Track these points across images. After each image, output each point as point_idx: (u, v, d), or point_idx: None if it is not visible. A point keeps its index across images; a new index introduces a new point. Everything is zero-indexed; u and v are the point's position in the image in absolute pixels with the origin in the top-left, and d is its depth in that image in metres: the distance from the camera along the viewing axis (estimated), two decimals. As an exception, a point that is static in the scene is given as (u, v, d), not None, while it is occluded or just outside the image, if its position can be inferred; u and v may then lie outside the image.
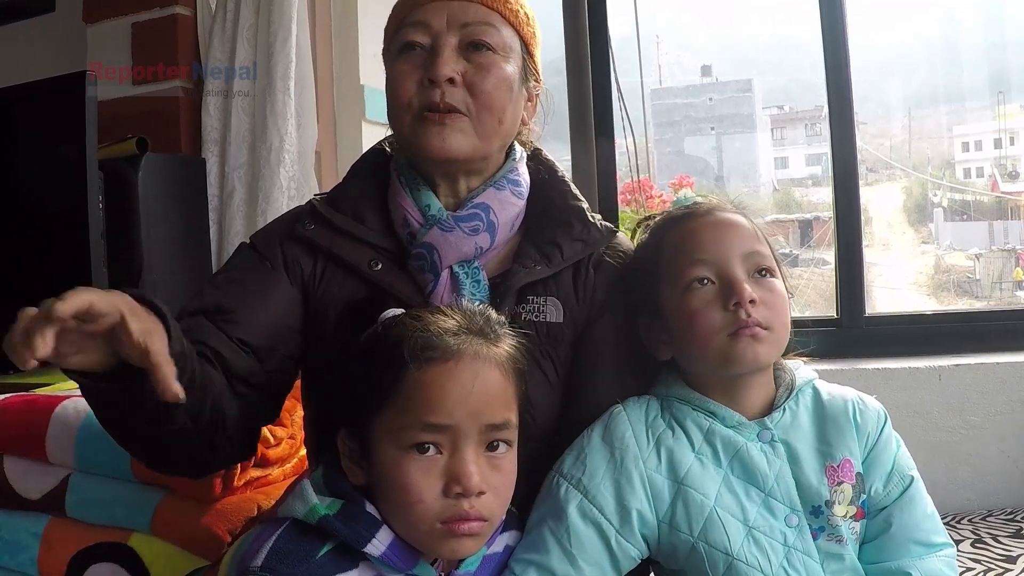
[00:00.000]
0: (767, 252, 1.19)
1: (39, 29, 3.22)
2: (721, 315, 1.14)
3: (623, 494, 1.12)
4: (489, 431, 1.00)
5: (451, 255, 1.21)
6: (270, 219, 2.52)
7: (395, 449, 0.98)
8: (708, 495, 1.12)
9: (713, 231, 1.19)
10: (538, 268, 1.22)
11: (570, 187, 1.33)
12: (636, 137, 2.86)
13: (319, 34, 2.88)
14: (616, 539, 1.11)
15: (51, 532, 1.55)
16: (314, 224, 1.25)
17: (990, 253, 4.97)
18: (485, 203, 1.23)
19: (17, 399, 1.65)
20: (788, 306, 1.19)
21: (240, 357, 1.17)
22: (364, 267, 1.22)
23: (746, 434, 1.16)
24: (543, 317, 1.22)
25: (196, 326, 1.15)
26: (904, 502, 1.18)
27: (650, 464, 1.14)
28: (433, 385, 0.98)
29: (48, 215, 2.21)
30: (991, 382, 2.39)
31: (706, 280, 1.16)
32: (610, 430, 1.17)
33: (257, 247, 1.27)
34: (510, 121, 1.24)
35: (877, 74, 4.75)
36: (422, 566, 1.01)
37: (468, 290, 1.21)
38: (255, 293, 1.22)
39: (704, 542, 1.11)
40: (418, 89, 1.19)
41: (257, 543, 0.97)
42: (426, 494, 0.97)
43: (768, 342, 1.14)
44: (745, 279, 1.15)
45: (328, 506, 0.98)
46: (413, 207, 1.24)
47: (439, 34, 1.20)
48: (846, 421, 1.19)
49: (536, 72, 1.30)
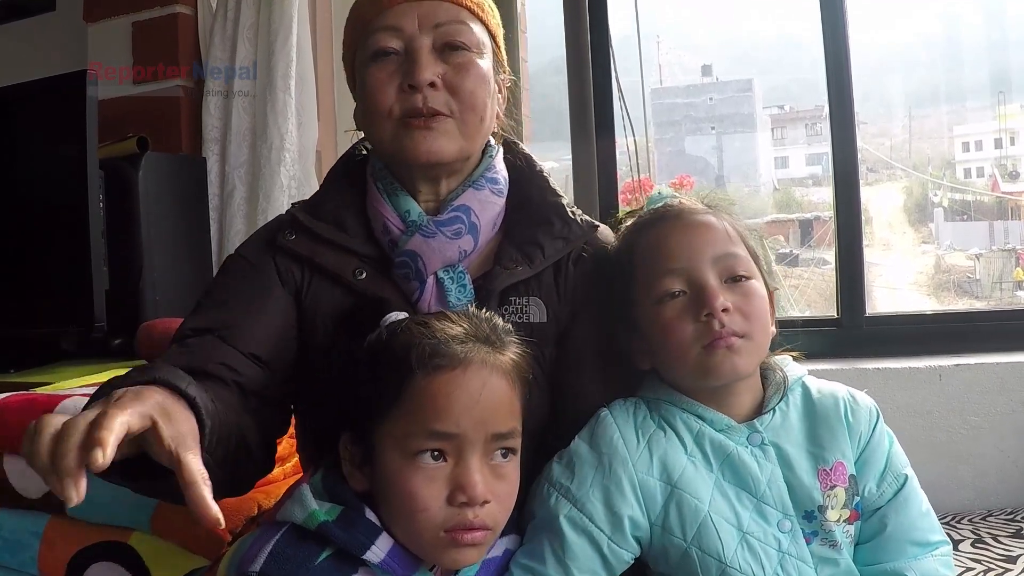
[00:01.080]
0: (742, 253, 1.16)
1: (40, 28, 3.22)
2: (694, 327, 1.12)
3: (613, 501, 1.11)
4: (495, 440, 1.00)
5: (435, 261, 1.20)
6: (270, 218, 2.54)
7: (400, 456, 0.98)
8: (702, 499, 1.11)
9: (682, 236, 1.16)
10: (520, 269, 1.22)
11: (548, 182, 1.32)
12: (636, 137, 2.85)
13: (320, 33, 2.88)
14: (608, 546, 1.10)
15: (51, 531, 1.56)
16: (295, 234, 1.24)
17: (990, 253, 4.96)
18: (465, 205, 1.23)
19: (17, 398, 1.65)
20: (768, 308, 1.17)
21: (254, 371, 1.16)
22: (348, 276, 1.21)
23: (736, 438, 1.15)
24: (526, 318, 1.22)
25: (207, 346, 1.14)
26: (899, 502, 1.17)
27: (640, 466, 1.13)
28: (440, 393, 0.97)
29: (49, 214, 2.21)
30: (991, 382, 2.39)
31: (678, 292, 1.13)
32: (597, 435, 1.15)
33: (248, 257, 1.26)
34: (489, 118, 1.24)
35: (877, 73, 4.75)
36: (422, 573, 1.01)
37: (454, 295, 1.20)
38: (256, 305, 1.21)
39: (697, 547, 1.10)
40: (398, 96, 1.18)
41: (255, 547, 0.97)
42: (430, 502, 0.97)
43: (745, 351, 1.12)
44: (718, 285, 1.12)
45: (327, 512, 0.98)
46: (392, 213, 1.22)
47: (412, 37, 1.18)
48: (838, 421, 1.17)
49: (504, 63, 1.30)
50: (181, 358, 1.10)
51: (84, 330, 2.16)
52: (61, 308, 2.18)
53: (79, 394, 1.67)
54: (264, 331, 1.19)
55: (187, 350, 1.14)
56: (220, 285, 1.26)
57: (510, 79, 1.33)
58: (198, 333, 1.16)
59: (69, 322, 2.19)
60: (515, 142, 1.36)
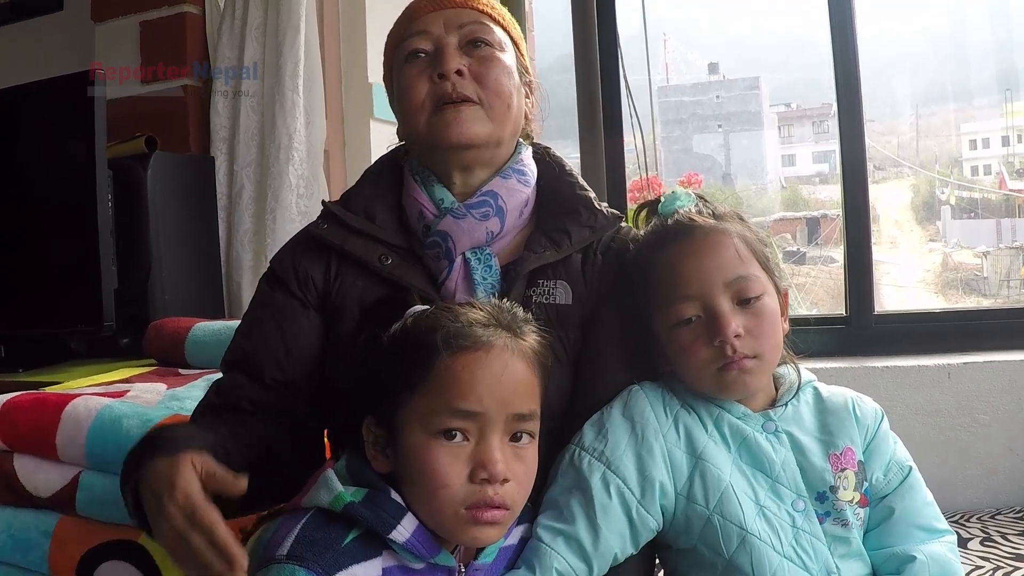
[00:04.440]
0: (753, 272, 1.20)
1: (47, 28, 3.23)
2: (709, 350, 1.17)
3: (645, 465, 1.16)
4: (515, 421, 1.03)
5: (464, 241, 1.27)
6: (279, 217, 2.57)
7: (423, 434, 1.00)
8: (723, 470, 1.16)
9: (694, 263, 1.20)
10: (547, 253, 1.28)
11: (578, 179, 1.39)
12: (644, 135, 2.85)
13: (327, 32, 2.89)
14: (637, 509, 1.15)
15: (62, 530, 1.56)
16: (327, 224, 1.32)
17: (998, 251, 4.95)
18: (493, 190, 1.29)
19: (28, 397, 1.65)
20: (778, 326, 1.21)
21: (279, 396, 1.26)
22: (375, 262, 1.27)
23: (752, 424, 1.20)
24: (553, 299, 1.28)
25: (234, 384, 1.27)
26: (904, 490, 1.22)
27: (670, 439, 1.18)
28: (464, 372, 1.00)
29: (57, 214, 2.22)
30: (1000, 380, 2.39)
31: (693, 318, 1.18)
32: (630, 406, 1.21)
33: (275, 272, 1.33)
34: (517, 108, 1.31)
35: (884, 71, 4.74)
36: (443, 555, 1.03)
37: (480, 275, 1.27)
38: (276, 331, 1.29)
39: (719, 515, 1.14)
40: (429, 87, 1.26)
41: (282, 532, 0.98)
42: (452, 479, 0.99)
43: (757, 371, 1.19)
44: (730, 309, 1.17)
45: (353, 494, 1.00)
46: (428, 201, 1.30)
47: (440, 38, 1.29)
48: (846, 414, 1.23)
49: (527, 70, 1.38)
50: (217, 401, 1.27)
51: (93, 329, 2.17)
52: (70, 307, 2.19)
53: (89, 393, 1.67)
54: (285, 354, 1.27)
55: (220, 395, 1.27)
56: (248, 313, 1.36)
57: (536, 84, 1.41)
58: (228, 370, 1.29)
59: (78, 321, 2.19)
60: (546, 147, 1.44)
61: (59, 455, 1.56)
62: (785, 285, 1.27)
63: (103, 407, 1.57)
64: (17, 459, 1.60)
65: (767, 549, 1.12)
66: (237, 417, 1.22)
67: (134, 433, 1.50)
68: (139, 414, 1.55)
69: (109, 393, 1.70)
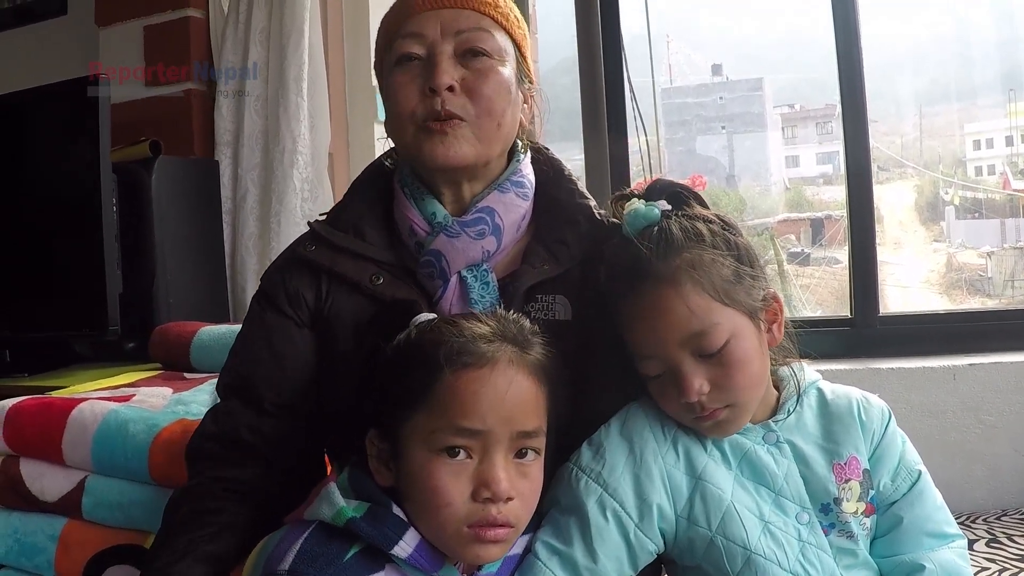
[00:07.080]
0: (712, 321, 1.09)
1: (51, 32, 3.24)
2: (680, 404, 1.13)
3: (643, 488, 1.13)
4: (520, 438, 1.01)
5: (459, 260, 1.23)
6: (283, 221, 2.57)
7: (426, 451, 0.99)
8: (724, 490, 1.14)
9: (647, 324, 1.12)
10: (546, 268, 1.24)
11: (576, 185, 1.34)
12: (648, 136, 2.85)
13: (331, 35, 2.89)
14: (635, 533, 1.12)
15: (68, 534, 1.56)
16: (315, 245, 1.28)
17: (1002, 251, 4.94)
18: (489, 207, 1.25)
19: (34, 401, 1.65)
20: (754, 362, 1.13)
21: (278, 420, 1.23)
22: (366, 282, 1.24)
23: (752, 437, 1.17)
24: (552, 315, 1.23)
25: (231, 411, 1.25)
26: (914, 496, 1.19)
27: (668, 460, 1.15)
28: (467, 390, 0.99)
29: (62, 218, 2.22)
30: (1006, 381, 2.39)
31: (658, 375, 1.14)
32: (628, 425, 1.18)
33: (266, 291, 1.30)
34: (508, 125, 1.25)
35: (888, 71, 4.73)
36: (447, 569, 1.02)
37: (477, 293, 1.22)
38: (266, 354, 1.26)
39: (722, 536, 1.12)
40: (420, 99, 1.20)
41: (284, 546, 0.98)
42: (455, 497, 0.98)
43: (733, 417, 1.14)
44: (692, 366, 1.10)
45: (355, 508, 0.99)
46: (419, 217, 1.25)
47: (434, 43, 1.21)
48: (851, 419, 1.19)
49: (529, 74, 1.31)
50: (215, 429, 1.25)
51: (98, 333, 2.17)
52: (75, 312, 2.19)
53: (94, 397, 1.68)
54: (280, 376, 1.25)
55: (217, 423, 1.25)
56: (241, 332, 1.33)
57: (536, 89, 1.35)
58: (226, 394, 1.27)
59: (83, 326, 2.20)
60: (543, 148, 1.39)
61: (65, 459, 1.56)
62: (774, 290, 1.18)
63: (109, 411, 1.57)
64: (23, 463, 1.60)
65: (772, 567, 1.10)
66: (228, 501, 1.17)
67: (140, 437, 1.50)
68: (145, 418, 1.55)
69: (115, 397, 1.70)
